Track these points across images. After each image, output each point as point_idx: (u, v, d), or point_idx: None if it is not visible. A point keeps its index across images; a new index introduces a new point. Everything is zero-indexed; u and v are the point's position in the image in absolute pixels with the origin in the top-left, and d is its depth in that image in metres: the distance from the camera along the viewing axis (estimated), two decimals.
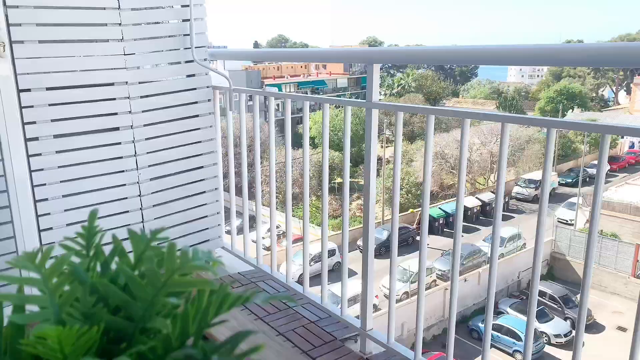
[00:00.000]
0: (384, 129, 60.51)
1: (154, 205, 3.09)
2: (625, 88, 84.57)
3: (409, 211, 36.63)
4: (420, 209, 35.96)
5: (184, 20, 3.18)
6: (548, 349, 22.35)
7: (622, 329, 23.26)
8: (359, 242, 31.66)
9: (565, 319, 23.62)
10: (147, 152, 3.07)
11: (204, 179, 3.31)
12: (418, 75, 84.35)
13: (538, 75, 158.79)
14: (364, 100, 2.44)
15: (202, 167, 3.30)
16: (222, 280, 3.15)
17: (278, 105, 74.25)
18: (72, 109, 2.85)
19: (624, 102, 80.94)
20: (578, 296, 20.98)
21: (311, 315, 2.77)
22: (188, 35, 3.16)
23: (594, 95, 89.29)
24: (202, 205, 3.29)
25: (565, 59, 1.80)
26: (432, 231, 34.11)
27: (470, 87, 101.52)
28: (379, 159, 50.08)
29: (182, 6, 3.17)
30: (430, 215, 34.33)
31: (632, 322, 1.25)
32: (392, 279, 2.54)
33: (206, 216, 3.32)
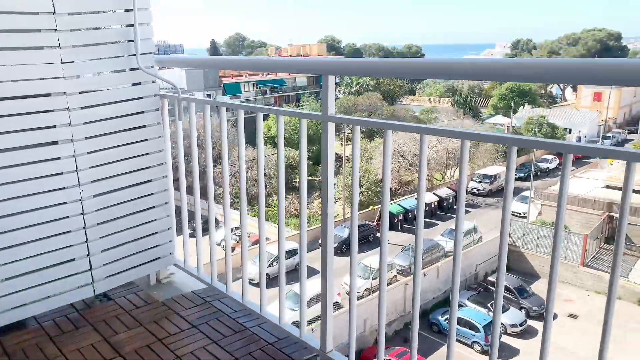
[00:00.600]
0: (343, 127, 60.96)
1: (98, 224, 2.88)
2: (571, 85, 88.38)
3: (369, 208, 37.03)
4: (379, 206, 36.23)
5: (127, 26, 2.98)
6: (505, 338, 23.01)
7: (573, 316, 24.29)
8: (321, 241, 31.74)
9: (521, 308, 24.44)
10: (90, 167, 2.86)
11: (153, 193, 3.12)
12: None
13: None
14: (320, 114, 2.30)
15: (150, 180, 3.11)
16: (174, 300, 3.00)
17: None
18: (5, 122, 2.62)
19: (571, 98, 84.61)
20: (532, 287, 21.54)
21: (269, 337, 2.65)
22: (132, 41, 2.96)
23: (543, 92, 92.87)
24: (152, 221, 3.10)
25: (513, 74, 1.77)
26: (392, 227, 34.58)
27: (426, 85, 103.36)
28: (339, 157, 50.31)
29: (126, 10, 2.96)
30: (390, 211, 34.84)
31: (582, 309, 1.24)
32: (351, 303, 2.46)
33: (156, 232, 3.13)
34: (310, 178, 56.18)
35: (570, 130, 59.71)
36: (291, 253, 27.57)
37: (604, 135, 61.32)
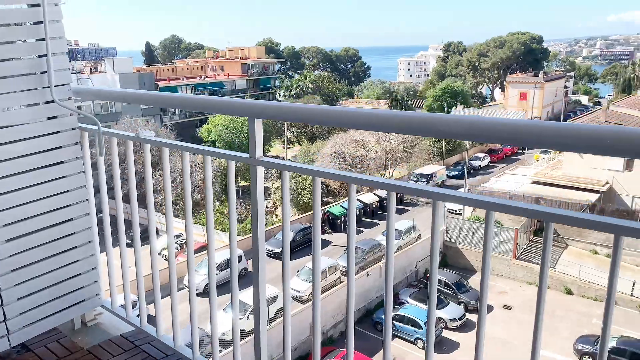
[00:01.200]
0: (284, 131, 60.83)
1: (13, 270, 2.69)
2: (500, 86, 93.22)
3: (312, 211, 37.18)
4: (322, 208, 36.34)
5: (40, 56, 2.81)
6: (446, 333, 23.90)
7: (507, 307, 25.61)
8: (266, 246, 31.54)
9: (459, 303, 25.45)
10: (2, 210, 2.67)
11: (74, 233, 2.94)
12: (315, 77, 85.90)
13: (425, 75, 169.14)
14: (247, 156, 2.21)
15: (71, 219, 2.94)
16: (100, 347, 2.86)
17: (175, 112, 69.31)
18: None
19: (500, 98, 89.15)
20: (469, 281, 22.43)
21: None
22: (46, 72, 2.79)
23: (474, 92, 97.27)
24: (75, 262, 2.92)
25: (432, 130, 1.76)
26: (335, 228, 35.00)
27: (364, 87, 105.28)
28: (282, 159, 50.18)
29: (38, 40, 2.79)
30: (332, 213, 35.14)
31: (516, 300, 1.30)
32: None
33: (80, 274, 2.96)
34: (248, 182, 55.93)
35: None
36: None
37: None
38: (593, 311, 25.00)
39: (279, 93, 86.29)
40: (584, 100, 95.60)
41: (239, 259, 27.36)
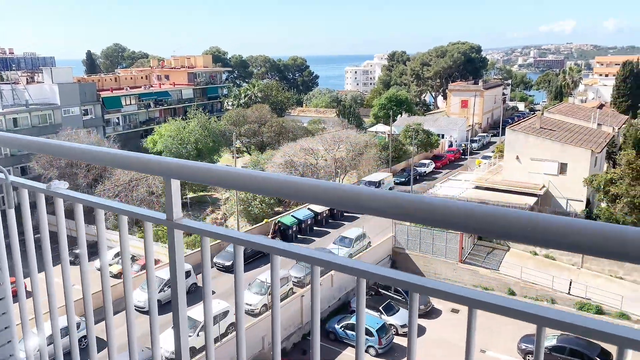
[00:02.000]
0: (233, 140, 60.32)
1: None
2: (442, 94, 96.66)
3: (263, 221, 37.07)
4: (273, 218, 36.11)
5: None
6: (397, 339, 24.44)
7: (455, 310, 26.52)
8: (216, 259, 31.15)
9: None
10: None
11: None
12: (263, 86, 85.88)
13: (371, 83, 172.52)
14: (164, 218, 1.93)
15: None
16: None
17: (119, 119, 66.73)
18: None
19: (442, 106, 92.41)
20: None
21: None
22: None
23: (418, 100, 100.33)
24: None
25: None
26: (286, 238, 35.01)
27: (313, 96, 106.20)
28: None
29: None
30: (283, 223, 35.17)
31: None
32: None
33: None
34: (201, 193, 54.49)
35: (442, 136, 65.16)
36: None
37: (471, 139, 67.83)
38: None
39: (227, 102, 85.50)
40: (521, 106, 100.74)
41: (187, 274, 26.88)
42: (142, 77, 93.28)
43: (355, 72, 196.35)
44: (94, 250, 2.60)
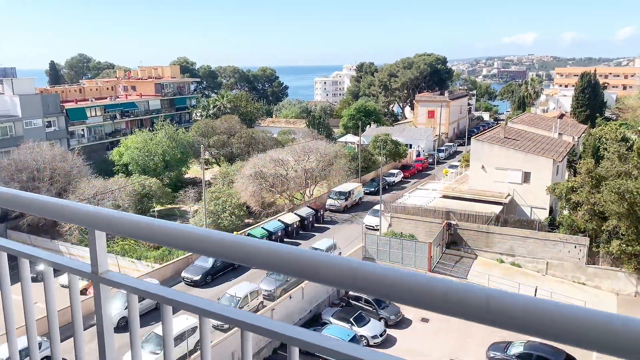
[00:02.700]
0: (202, 152, 59.63)
1: None
2: (410, 104, 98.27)
3: (232, 234, 36.59)
4: (243, 230, 35.79)
5: None
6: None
7: (425, 319, 26.76)
8: (184, 274, 30.60)
9: (380, 319, 26.22)
10: None
11: None
12: (232, 97, 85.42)
13: (340, 94, 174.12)
14: (89, 271, 1.80)
15: None
16: None
17: (87, 129, 65.08)
18: None
19: (410, 116, 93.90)
20: None
21: None
22: None
23: (387, 111, 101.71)
24: None
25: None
26: None
27: (282, 106, 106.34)
28: (199, 182, 48.96)
29: None
30: (253, 235, 34.89)
31: (433, 313, 1.14)
32: None
33: None
34: (169, 205, 53.62)
35: (410, 146, 66.15)
36: None
37: (438, 149, 69.12)
38: None
39: (195, 113, 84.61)
40: (486, 116, 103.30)
41: None
42: (107, 88, 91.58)
43: (325, 83, 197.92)
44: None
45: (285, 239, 36.86)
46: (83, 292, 35.81)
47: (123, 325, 24.20)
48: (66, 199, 1.90)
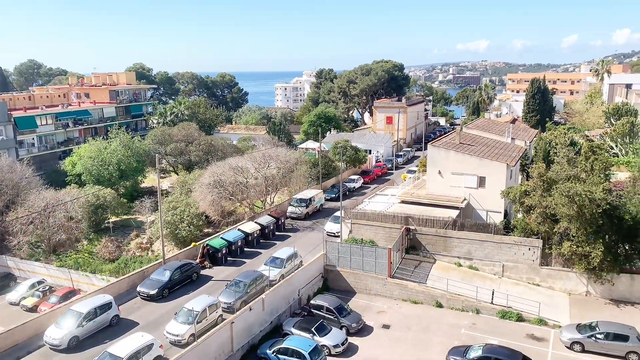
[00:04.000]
0: (156, 161, 58.09)
1: None
2: (369, 110, 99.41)
3: (191, 245, 35.74)
4: (202, 241, 35.01)
5: None
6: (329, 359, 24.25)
7: (386, 326, 26.81)
8: (140, 288, 29.52)
9: (341, 327, 26.08)
10: None
11: None
12: (190, 103, 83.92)
13: (301, 100, 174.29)
14: None
15: None
16: None
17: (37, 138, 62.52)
18: None
19: (369, 122, 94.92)
20: (350, 302, 23.18)
21: None
22: None
23: (346, 116, 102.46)
24: None
25: None
26: (215, 262, 33.98)
27: (242, 113, 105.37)
28: (157, 192, 47.66)
29: None
30: (212, 246, 34.10)
31: (394, 318, 1.07)
32: None
33: None
34: (125, 216, 51.93)
35: (370, 151, 66.79)
36: (104, 308, 25.05)
37: (397, 154, 70.05)
38: (461, 322, 27.24)
39: (152, 120, 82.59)
40: (442, 121, 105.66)
41: (109, 305, 25.26)
42: (59, 95, 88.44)
43: (285, 89, 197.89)
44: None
45: (245, 249, 36.30)
46: (34, 309, 34.12)
47: (74, 345, 23.07)
48: (15, 212, 1.83)
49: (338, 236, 36.54)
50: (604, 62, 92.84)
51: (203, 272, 32.26)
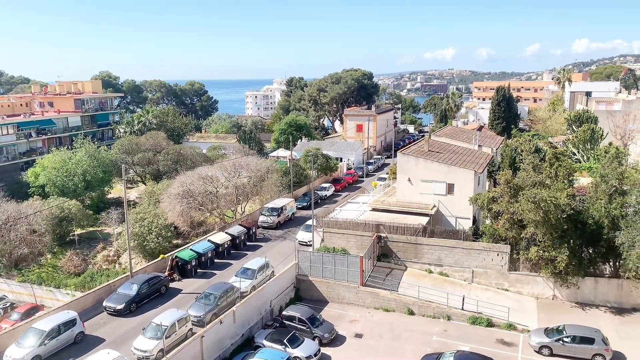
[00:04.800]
0: (128, 170, 56.79)
1: None
2: (339, 118, 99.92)
3: (159, 257, 34.88)
4: (171, 253, 34.19)
5: None
6: None
7: (358, 335, 26.73)
8: (106, 303, 28.61)
9: (314, 338, 25.86)
10: None
11: None
12: (159, 112, 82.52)
13: (271, 108, 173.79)
14: None
15: None
16: None
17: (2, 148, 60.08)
18: None
19: (340, 130, 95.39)
20: (323, 312, 22.97)
21: None
22: None
23: (317, 124, 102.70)
24: None
25: None
26: (185, 275, 33.28)
27: (212, 121, 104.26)
28: (122, 203, 46.46)
29: None
30: (181, 258, 33.37)
31: (366, 327, 1.02)
32: None
33: None
34: (91, 228, 50.43)
35: (341, 159, 67.01)
36: (69, 325, 24.16)
37: (367, 162, 70.49)
38: (433, 329, 27.41)
39: (119, 129, 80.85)
40: (411, 129, 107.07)
41: (73, 322, 24.38)
42: (22, 105, 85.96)
43: (256, 97, 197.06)
44: None
45: (215, 260, 35.71)
46: None
47: None
48: None
49: (310, 245, 36.38)
50: (565, 70, 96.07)
51: (172, 285, 31.56)
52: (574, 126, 58.99)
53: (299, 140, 74.97)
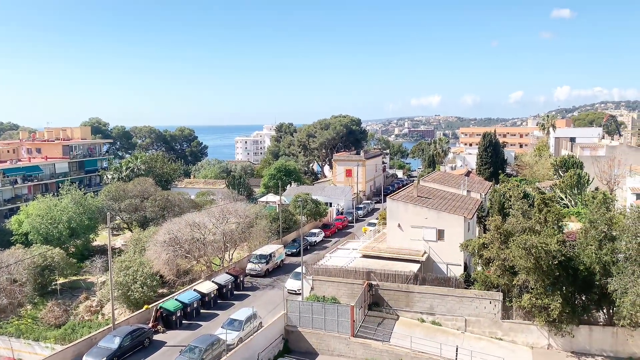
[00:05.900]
0: (114, 217, 55.88)
1: None
2: (328, 163, 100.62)
3: (143, 308, 33.74)
4: (155, 303, 33.22)
5: None
6: None
7: None
8: (86, 358, 27.33)
9: None
10: None
11: None
12: (147, 157, 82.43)
13: (261, 153, 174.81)
14: None
15: None
16: None
17: None
18: None
19: (329, 174, 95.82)
20: None
21: None
22: None
23: (307, 169, 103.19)
24: None
25: None
26: (169, 326, 32.13)
27: (201, 167, 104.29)
28: (106, 251, 45.41)
29: None
30: (166, 309, 32.30)
31: None
32: None
33: None
34: (74, 277, 49.00)
35: (330, 204, 66.79)
36: None
37: (357, 207, 70.36)
38: None
39: (107, 175, 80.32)
40: (400, 174, 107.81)
41: None
42: (9, 151, 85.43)
43: (246, 142, 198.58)
44: None
45: (202, 310, 34.64)
46: None
47: None
48: None
49: (299, 294, 35.51)
50: (549, 116, 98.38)
51: (156, 337, 30.40)
52: (560, 171, 59.76)
53: (288, 185, 74.88)
